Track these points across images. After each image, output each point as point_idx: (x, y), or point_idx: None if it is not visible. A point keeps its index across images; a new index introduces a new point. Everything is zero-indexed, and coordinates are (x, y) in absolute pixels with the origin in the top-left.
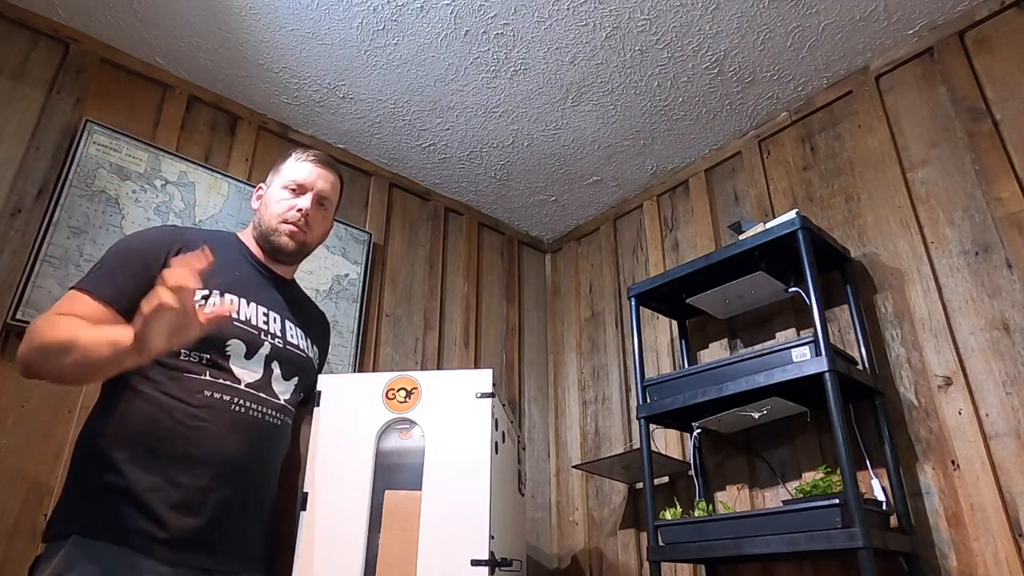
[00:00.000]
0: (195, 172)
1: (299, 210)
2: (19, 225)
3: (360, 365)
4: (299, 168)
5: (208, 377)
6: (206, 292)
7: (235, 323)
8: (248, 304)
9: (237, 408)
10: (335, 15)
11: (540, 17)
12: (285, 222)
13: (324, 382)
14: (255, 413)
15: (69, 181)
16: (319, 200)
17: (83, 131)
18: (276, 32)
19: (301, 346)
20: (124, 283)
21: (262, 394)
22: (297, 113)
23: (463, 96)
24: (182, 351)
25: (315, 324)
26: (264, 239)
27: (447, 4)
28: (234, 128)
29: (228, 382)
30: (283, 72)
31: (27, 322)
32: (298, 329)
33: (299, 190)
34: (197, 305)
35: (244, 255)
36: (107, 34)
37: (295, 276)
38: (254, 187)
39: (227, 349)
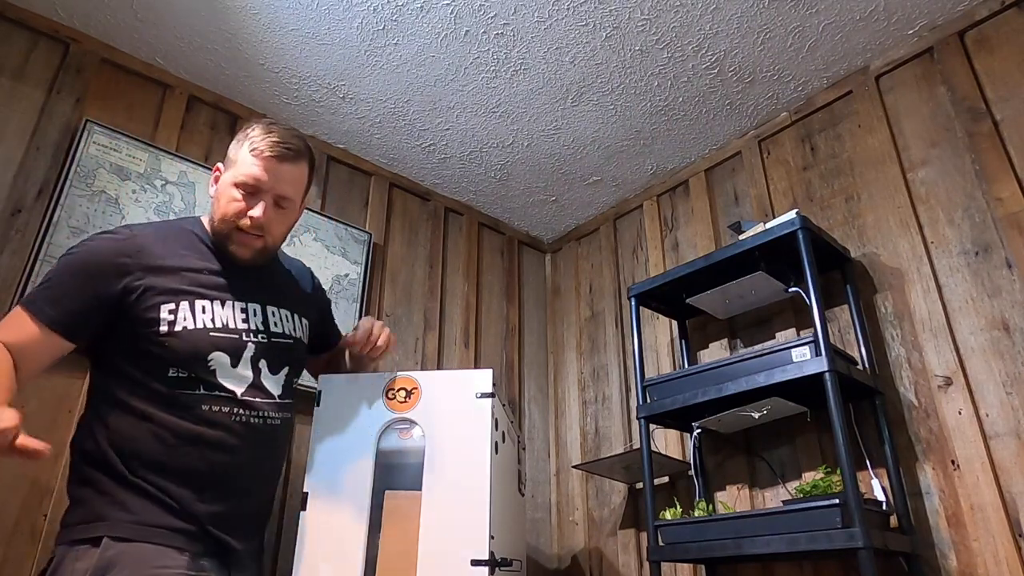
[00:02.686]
0: (195, 172)
1: (252, 218)
2: (19, 225)
3: None
4: (253, 164)
5: (203, 391)
6: (172, 306)
7: (211, 335)
8: (224, 306)
9: (237, 419)
10: (335, 15)
11: (540, 17)
12: (238, 229)
13: (324, 382)
14: (256, 420)
15: (69, 181)
16: (277, 202)
17: (83, 131)
18: (276, 32)
19: (286, 331)
20: (67, 304)
21: (257, 399)
22: (297, 113)
23: (463, 96)
24: (169, 370)
25: (299, 289)
26: (218, 241)
27: (447, 4)
28: (234, 128)
29: (223, 394)
30: (283, 72)
31: None
32: (282, 311)
33: (253, 191)
34: (165, 322)
35: (209, 246)
36: (107, 34)
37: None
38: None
39: (210, 364)
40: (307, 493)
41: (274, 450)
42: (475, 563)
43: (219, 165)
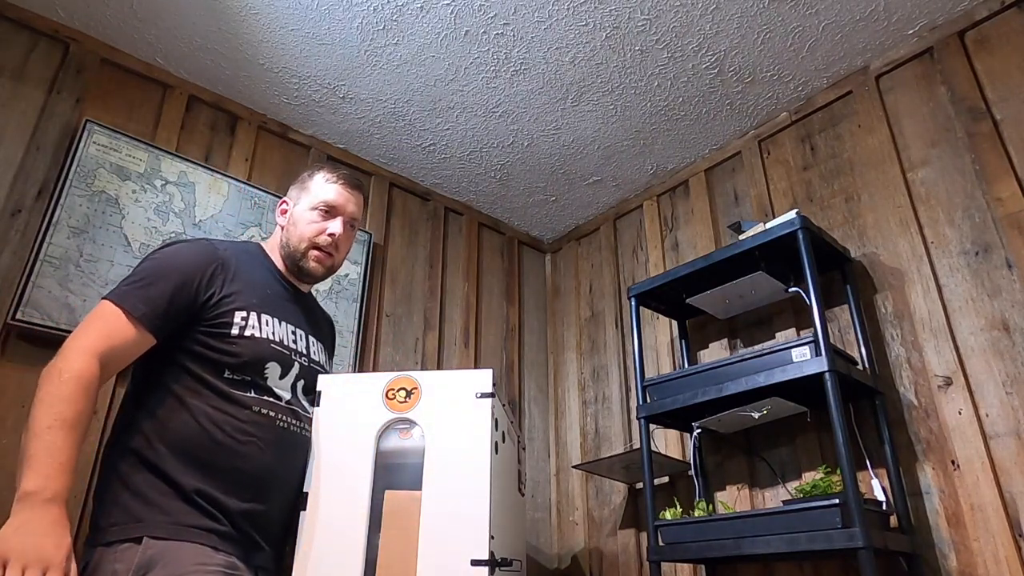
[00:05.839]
0: (195, 172)
1: (331, 235)
2: (19, 225)
3: (360, 365)
4: (329, 189)
5: (253, 394)
6: (244, 314)
7: (272, 345)
8: (280, 324)
9: (280, 423)
10: (335, 15)
11: (540, 17)
12: (315, 247)
13: (324, 382)
14: (295, 428)
15: (69, 181)
16: (349, 223)
17: (83, 131)
18: (276, 32)
19: (320, 361)
20: (160, 302)
21: (297, 409)
22: (297, 113)
23: (463, 96)
24: (225, 371)
25: (329, 333)
26: (291, 260)
27: (447, 4)
28: (234, 128)
29: (271, 399)
30: (283, 72)
31: (27, 323)
32: (318, 343)
33: (330, 212)
34: (238, 326)
35: (271, 271)
36: (107, 34)
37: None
38: (254, 187)
39: (265, 371)
40: (307, 493)
41: (303, 459)
42: (475, 563)
43: (285, 199)
